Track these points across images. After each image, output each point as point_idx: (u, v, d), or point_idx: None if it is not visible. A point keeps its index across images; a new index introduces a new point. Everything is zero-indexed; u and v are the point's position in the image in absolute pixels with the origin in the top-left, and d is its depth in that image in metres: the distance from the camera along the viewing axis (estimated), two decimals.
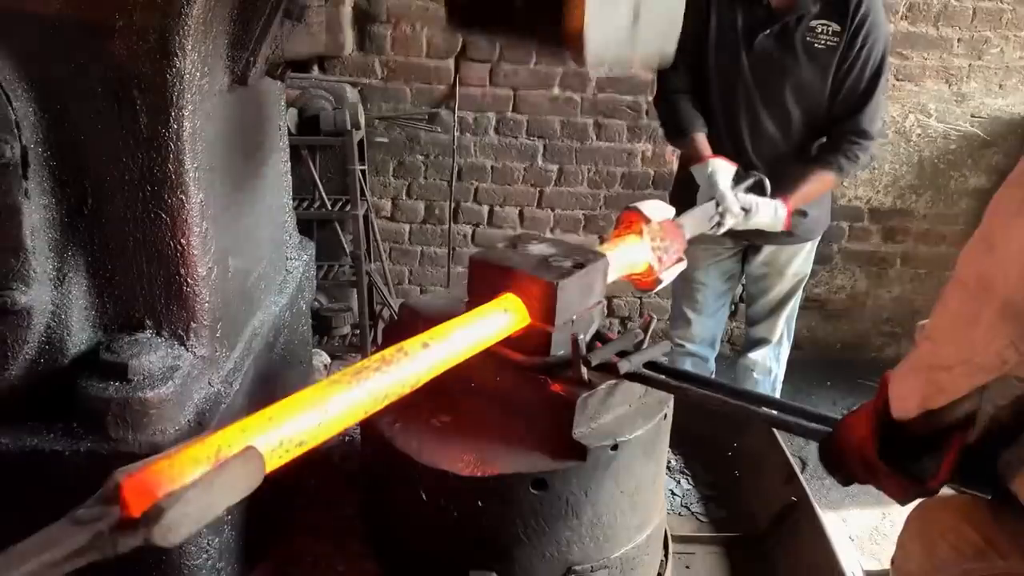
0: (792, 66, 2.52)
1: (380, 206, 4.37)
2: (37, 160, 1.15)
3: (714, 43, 2.57)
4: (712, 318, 3.04)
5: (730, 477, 2.13)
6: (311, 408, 1.02)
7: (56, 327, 1.21)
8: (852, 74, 2.48)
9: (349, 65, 4.14)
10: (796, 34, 2.48)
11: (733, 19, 2.54)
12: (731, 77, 2.58)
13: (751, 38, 2.53)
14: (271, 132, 1.63)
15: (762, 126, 2.61)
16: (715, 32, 2.56)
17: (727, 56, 2.57)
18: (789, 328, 3.10)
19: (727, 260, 2.91)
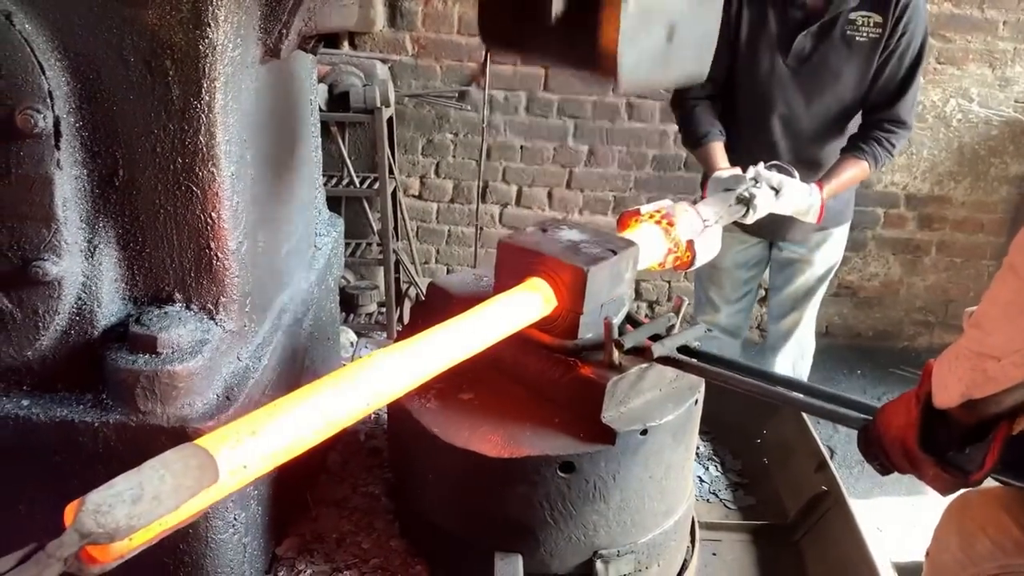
0: (834, 63, 2.47)
1: (408, 184, 4.36)
2: (69, 131, 1.14)
3: (746, 48, 2.51)
4: (738, 304, 3.00)
5: (759, 465, 2.10)
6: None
7: (87, 299, 1.21)
8: (891, 63, 2.42)
9: (380, 41, 4.12)
10: (835, 30, 2.42)
11: (765, 22, 2.48)
12: (767, 81, 2.52)
13: (789, 40, 2.46)
14: (302, 106, 1.61)
15: (800, 127, 2.56)
16: (747, 37, 2.50)
17: (763, 60, 2.51)
18: (810, 329, 3.04)
19: (754, 247, 2.87)
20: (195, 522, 1.26)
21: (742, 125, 2.57)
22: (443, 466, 1.42)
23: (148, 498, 0.80)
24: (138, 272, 1.25)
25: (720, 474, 2.08)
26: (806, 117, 2.51)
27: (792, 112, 2.51)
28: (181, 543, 1.28)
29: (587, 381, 1.38)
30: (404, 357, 1.13)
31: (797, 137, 2.54)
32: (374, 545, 1.59)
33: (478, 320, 1.26)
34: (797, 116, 2.51)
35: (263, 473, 0.96)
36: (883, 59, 2.42)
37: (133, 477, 0.81)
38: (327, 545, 1.59)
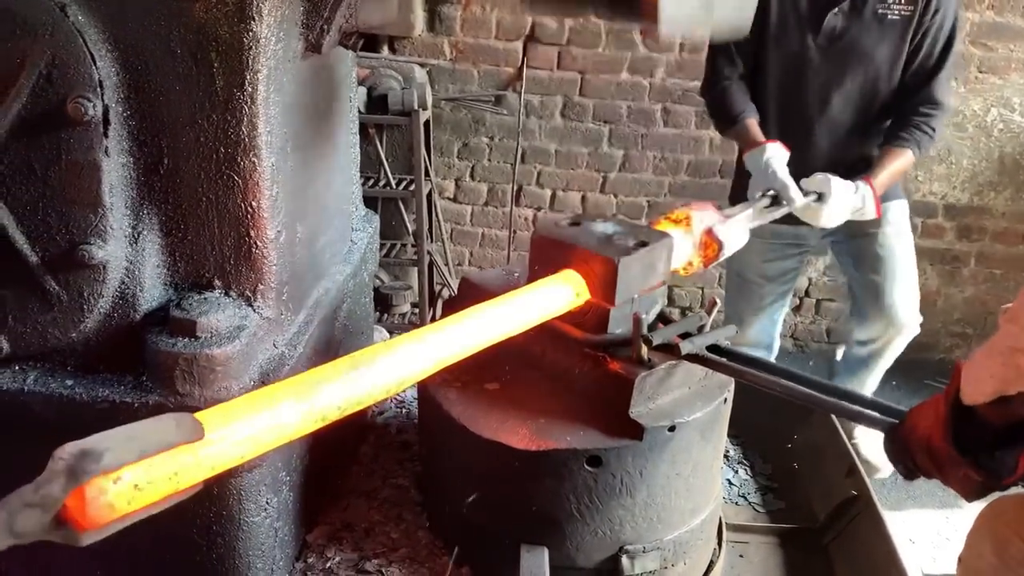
0: (865, 42, 2.44)
1: (443, 187, 4.39)
2: (118, 119, 1.18)
3: (776, 27, 2.49)
4: (769, 318, 2.96)
5: (789, 469, 2.09)
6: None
7: (130, 283, 1.25)
8: (926, 42, 2.39)
9: (419, 46, 4.17)
10: (866, 8, 2.39)
11: (795, 1, 2.47)
12: (797, 61, 2.50)
13: (819, 18, 2.44)
14: (342, 102, 1.64)
15: (831, 108, 2.52)
16: (776, 16, 2.48)
17: (793, 40, 2.48)
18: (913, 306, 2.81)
19: (788, 259, 2.83)
20: (228, 504, 1.30)
21: (773, 108, 2.54)
22: (471, 457, 1.44)
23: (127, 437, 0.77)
24: (179, 258, 1.28)
25: (749, 477, 2.07)
26: (838, 98, 2.49)
27: (824, 93, 2.49)
28: (214, 524, 1.31)
29: (615, 376, 1.39)
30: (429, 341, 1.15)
31: (830, 120, 2.51)
32: (402, 535, 1.61)
33: (507, 307, 1.27)
34: (829, 97, 2.49)
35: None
36: (917, 39, 2.40)
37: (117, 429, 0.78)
38: (356, 534, 1.61)
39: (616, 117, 4.18)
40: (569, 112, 4.19)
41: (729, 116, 2.52)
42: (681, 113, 4.14)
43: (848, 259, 2.80)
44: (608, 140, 4.22)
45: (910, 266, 2.75)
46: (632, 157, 4.24)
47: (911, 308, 2.77)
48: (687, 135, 4.16)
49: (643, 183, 4.29)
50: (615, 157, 4.25)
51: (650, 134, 4.18)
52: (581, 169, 4.29)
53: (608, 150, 4.23)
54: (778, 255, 2.76)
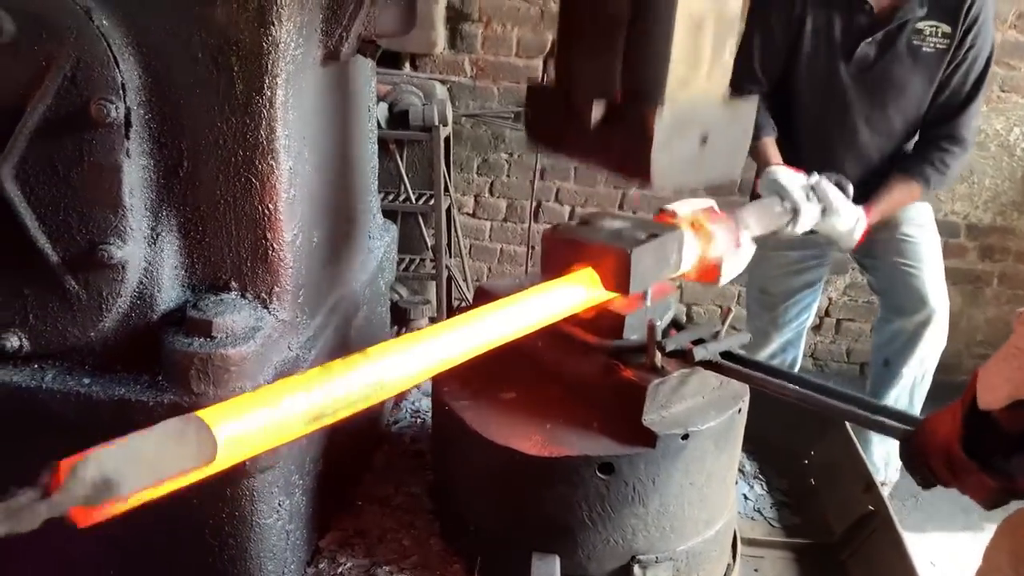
0: (897, 73, 2.43)
1: (463, 202, 4.42)
2: (139, 122, 1.20)
3: (808, 53, 2.49)
4: (793, 333, 2.94)
5: (805, 485, 2.07)
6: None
7: (148, 283, 1.26)
8: (956, 76, 2.37)
9: (440, 63, 4.22)
10: (901, 38, 2.39)
11: (829, 27, 2.45)
12: (827, 88, 2.50)
13: (852, 46, 2.44)
14: (360, 111, 1.66)
15: (859, 138, 2.52)
16: (809, 41, 2.48)
17: (824, 66, 2.48)
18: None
19: (808, 271, 2.82)
20: (241, 505, 1.31)
21: (800, 133, 2.54)
22: (483, 463, 1.43)
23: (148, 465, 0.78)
24: (197, 260, 1.30)
25: (765, 492, 2.05)
26: (866, 129, 2.48)
27: (853, 122, 2.48)
28: (227, 525, 1.32)
29: (628, 383, 1.39)
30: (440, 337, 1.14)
31: (856, 149, 2.50)
32: (414, 543, 1.60)
33: (519, 305, 1.27)
34: (856, 127, 2.48)
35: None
36: (948, 72, 2.38)
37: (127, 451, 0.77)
38: (368, 540, 1.61)
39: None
40: None
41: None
42: None
43: (871, 258, 2.78)
44: None
45: (936, 255, 2.72)
46: None
47: (939, 292, 2.72)
48: None
49: (662, 201, 4.28)
50: None
51: None
52: (600, 186, 4.31)
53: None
54: (799, 266, 2.75)
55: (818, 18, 2.44)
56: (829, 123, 2.50)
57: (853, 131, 2.48)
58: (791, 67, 2.49)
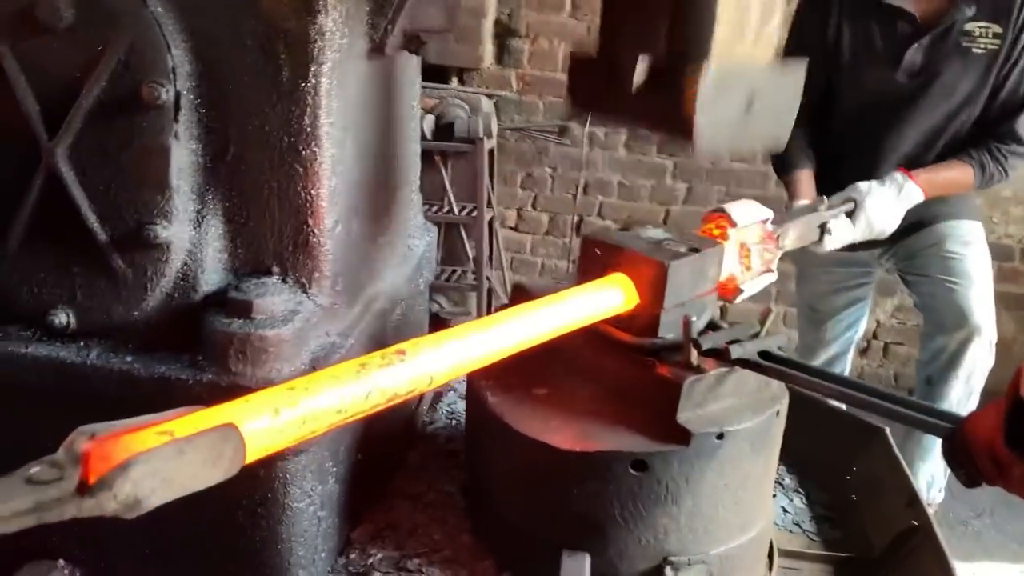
0: (947, 76, 2.39)
1: (505, 216, 4.44)
2: (188, 106, 1.23)
3: (849, 67, 2.46)
4: (840, 349, 2.90)
5: (846, 500, 2.02)
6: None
7: (191, 265, 1.29)
8: (1013, 77, 2.32)
9: (486, 78, 4.26)
10: (949, 41, 2.35)
11: (870, 37, 2.42)
12: (875, 96, 2.47)
13: (898, 53, 2.41)
14: (404, 108, 1.69)
15: (906, 143, 2.48)
16: (849, 55, 2.45)
17: (870, 74, 2.45)
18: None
19: (855, 288, 2.77)
20: (274, 487, 1.32)
21: (843, 143, 2.51)
22: (515, 457, 1.43)
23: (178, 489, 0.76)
24: (240, 244, 1.33)
25: (805, 506, 2.00)
26: (914, 133, 2.44)
27: (900, 128, 2.44)
28: (259, 507, 1.33)
29: (663, 380, 1.38)
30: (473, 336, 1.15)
31: (903, 155, 2.46)
32: (445, 537, 1.60)
33: (552, 306, 1.27)
34: (904, 132, 2.44)
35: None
36: (1004, 73, 2.33)
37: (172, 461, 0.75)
38: (399, 534, 1.61)
39: (681, 150, 4.18)
40: (633, 144, 4.21)
41: (784, 164, 2.50)
42: None
43: (915, 274, 2.73)
44: (672, 173, 4.22)
45: (983, 274, 2.64)
46: (696, 191, 4.23)
47: (985, 311, 2.64)
48: (753, 170, 4.14)
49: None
50: (679, 190, 4.24)
51: (716, 168, 4.17)
52: (643, 202, 4.30)
53: (672, 183, 4.23)
54: (846, 283, 2.72)
55: (857, 31, 2.42)
56: (877, 132, 2.46)
57: (899, 135, 2.44)
58: (833, 77, 2.46)
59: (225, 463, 0.80)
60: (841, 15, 2.40)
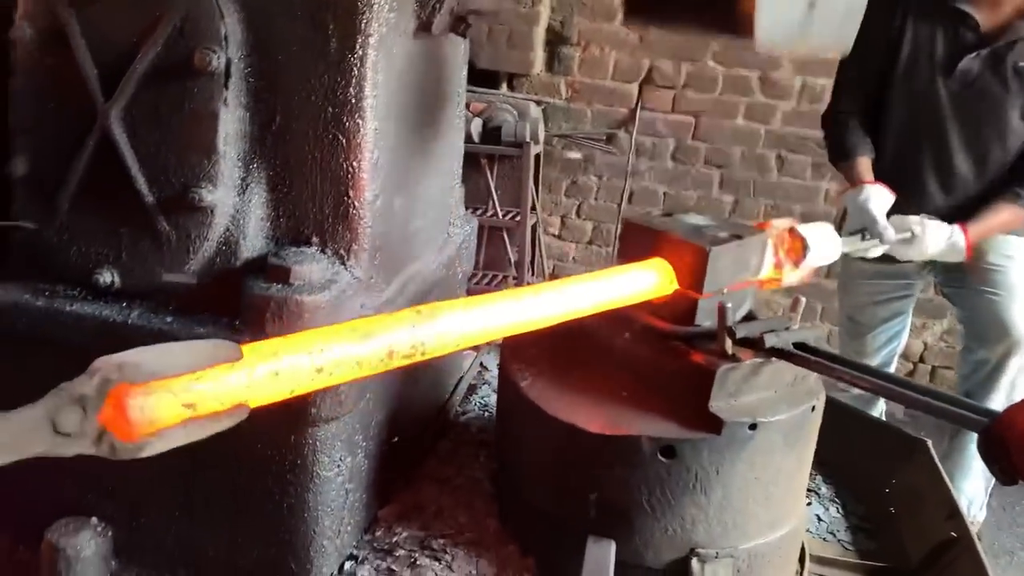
0: (999, 95, 2.33)
1: (549, 223, 4.45)
2: (238, 74, 1.26)
3: (905, 66, 2.41)
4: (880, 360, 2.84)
5: (884, 512, 1.97)
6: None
7: (234, 231, 1.32)
8: None
9: (536, 84, 4.28)
10: (1007, 59, 2.29)
11: (931, 40, 2.37)
12: (922, 105, 2.41)
13: (952, 63, 2.35)
14: (449, 93, 1.70)
15: (952, 162, 2.41)
16: (908, 54, 2.40)
17: (921, 81, 2.40)
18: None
19: (895, 300, 2.72)
20: (304, 453, 1.33)
21: (890, 147, 2.46)
22: (544, 439, 1.42)
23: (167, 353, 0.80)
24: (282, 213, 1.35)
25: (840, 516, 1.96)
26: (959, 146, 2.38)
27: (945, 139, 2.38)
28: (288, 473, 1.34)
29: (697, 367, 1.36)
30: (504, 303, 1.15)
31: (946, 170, 2.40)
32: (470, 520, 1.60)
33: (589, 284, 1.27)
34: (949, 146, 2.38)
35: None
36: None
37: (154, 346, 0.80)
38: (425, 515, 1.61)
39: (729, 162, 4.15)
40: (680, 155, 4.19)
41: (843, 150, 2.46)
42: (797, 162, 4.07)
43: (955, 287, 2.66)
44: (719, 185, 4.19)
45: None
46: (743, 203, 4.19)
47: None
48: (801, 184, 4.09)
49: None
50: (725, 202, 4.21)
51: (763, 181, 4.13)
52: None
53: (718, 195, 4.20)
54: (887, 295, 2.66)
55: (920, 30, 2.36)
56: (921, 141, 2.41)
57: (945, 150, 2.38)
58: (887, 78, 2.42)
59: (226, 349, 0.84)
60: (907, 14, 2.35)
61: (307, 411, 1.28)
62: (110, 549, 1.45)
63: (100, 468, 1.40)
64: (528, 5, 3.98)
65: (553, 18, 4.13)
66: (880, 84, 2.42)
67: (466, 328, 1.10)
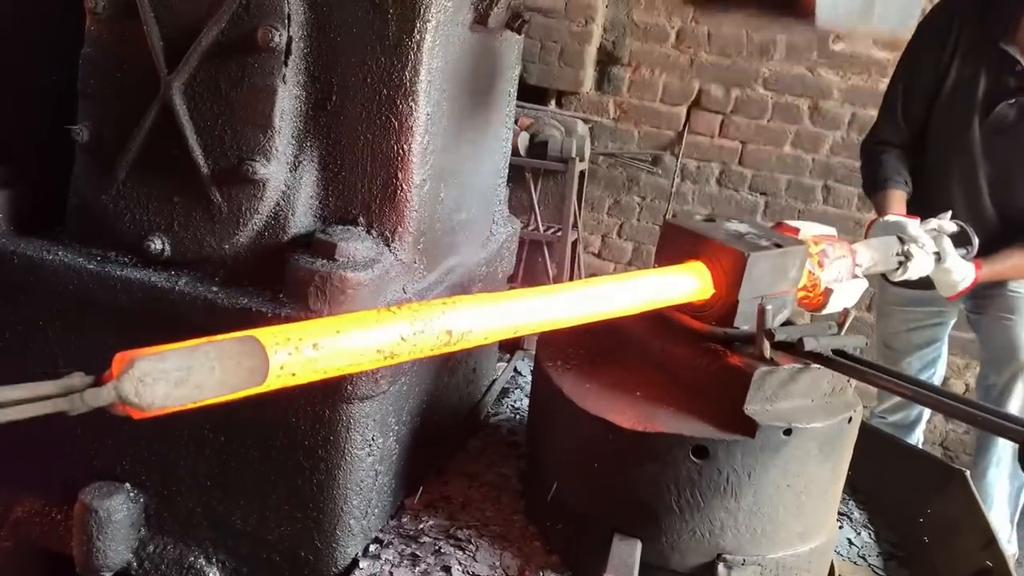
0: None
1: (590, 241, 4.45)
2: (298, 52, 1.30)
3: (945, 103, 2.39)
4: None
5: (918, 540, 1.92)
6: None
7: (284, 206, 1.34)
8: None
9: (585, 103, 4.31)
10: None
11: (974, 79, 2.35)
12: (957, 142, 2.39)
13: (990, 104, 2.33)
14: (500, 91, 1.72)
15: (981, 200, 2.38)
16: (950, 90, 2.38)
17: (958, 119, 2.37)
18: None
19: (929, 328, 2.68)
20: (337, 429, 1.35)
21: (925, 184, 2.44)
22: (575, 434, 1.42)
23: (191, 385, 0.78)
24: (331, 192, 1.37)
25: (872, 541, 1.92)
26: (988, 192, 2.34)
27: (976, 182, 2.35)
28: (320, 449, 1.35)
29: (734, 369, 1.35)
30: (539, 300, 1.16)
31: (976, 210, 2.36)
32: (497, 514, 1.60)
33: (626, 283, 1.27)
34: (980, 188, 2.34)
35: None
36: None
37: (186, 357, 0.78)
38: (452, 506, 1.62)
39: (774, 190, 4.12)
40: (725, 180, 4.18)
41: (876, 181, 2.44)
42: (843, 193, 4.04)
43: (978, 314, 2.62)
44: (763, 212, 4.16)
45: None
46: None
47: None
48: (846, 215, 4.04)
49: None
50: None
51: (808, 210, 4.09)
52: None
53: (762, 222, 4.17)
54: (921, 323, 2.63)
55: (964, 69, 2.34)
56: (953, 178, 2.38)
57: (976, 192, 2.36)
58: (928, 115, 2.40)
59: (244, 372, 0.82)
60: (956, 50, 2.34)
61: (343, 387, 1.30)
62: (140, 516, 1.48)
63: (135, 436, 1.44)
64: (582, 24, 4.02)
65: (605, 38, 4.16)
66: (923, 118, 2.40)
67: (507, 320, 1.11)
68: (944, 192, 2.41)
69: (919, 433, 2.87)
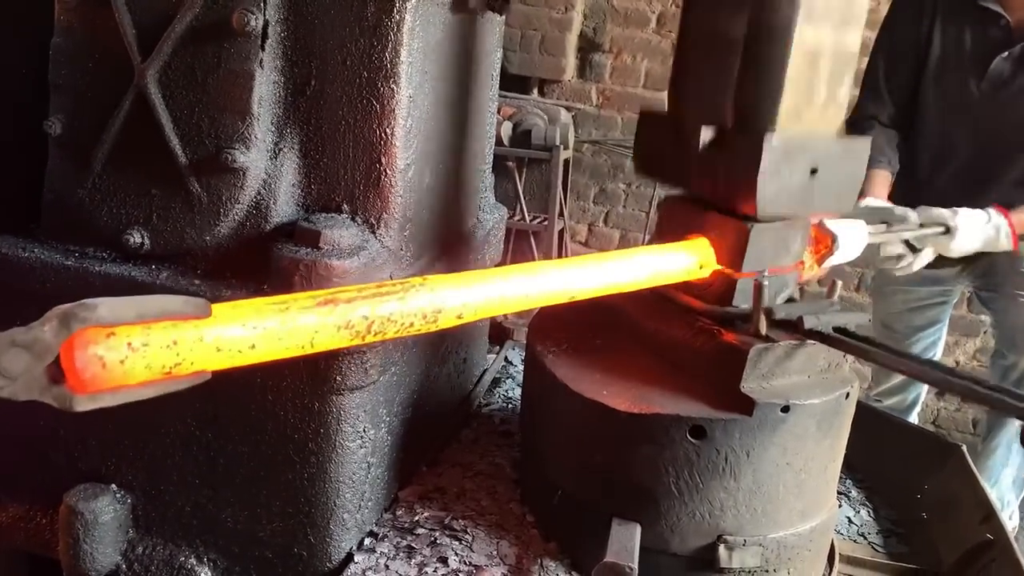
0: None
1: (576, 230, 4.42)
2: (275, 36, 1.26)
3: (936, 67, 2.36)
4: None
5: (916, 517, 1.91)
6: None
7: (265, 195, 1.31)
8: None
9: (567, 90, 4.28)
10: None
11: (960, 40, 2.33)
12: (956, 106, 2.37)
13: (984, 62, 2.31)
14: (483, 75, 1.69)
15: (988, 159, 2.37)
16: (938, 54, 2.36)
17: (953, 81, 2.35)
18: None
19: (931, 307, 2.66)
20: (327, 421, 1.32)
21: (921, 156, 2.41)
22: (570, 418, 1.40)
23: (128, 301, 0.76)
24: (313, 179, 1.34)
25: (871, 519, 1.91)
26: (996, 149, 2.33)
27: (981, 142, 2.33)
28: (311, 442, 1.33)
29: (730, 347, 1.33)
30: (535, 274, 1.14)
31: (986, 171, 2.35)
32: (492, 503, 1.57)
33: (626, 259, 1.25)
34: (984, 151, 2.33)
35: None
36: None
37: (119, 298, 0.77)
38: (447, 496, 1.59)
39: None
40: None
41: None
42: None
43: (990, 291, 2.60)
44: None
45: None
46: None
47: None
48: None
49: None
50: None
51: None
52: None
53: None
54: (922, 302, 2.60)
55: (948, 33, 2.32)
56: (955, 144, 2.36)
57: (981, 150, 2.33)
58: (917, 86, 2.37)
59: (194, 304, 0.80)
60: (935, 16, 2.32)
61: (331, 378, 1.27)
62: (128, 517, 1.45)
63: (120, 435, 1.40)
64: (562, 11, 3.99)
65: (586, 25, 4.13)
66: (912, 84, 2.38)
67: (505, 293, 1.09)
68: (947, 161, 2.38)
69: (914, 416, 2.86)
